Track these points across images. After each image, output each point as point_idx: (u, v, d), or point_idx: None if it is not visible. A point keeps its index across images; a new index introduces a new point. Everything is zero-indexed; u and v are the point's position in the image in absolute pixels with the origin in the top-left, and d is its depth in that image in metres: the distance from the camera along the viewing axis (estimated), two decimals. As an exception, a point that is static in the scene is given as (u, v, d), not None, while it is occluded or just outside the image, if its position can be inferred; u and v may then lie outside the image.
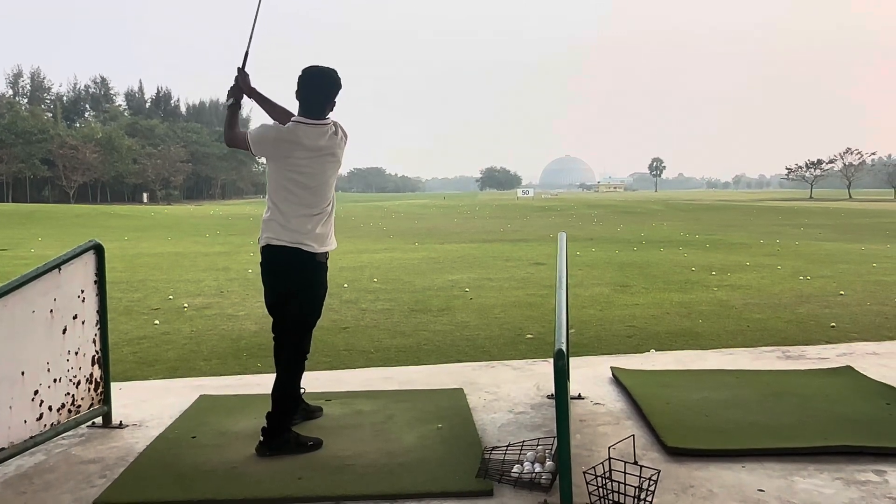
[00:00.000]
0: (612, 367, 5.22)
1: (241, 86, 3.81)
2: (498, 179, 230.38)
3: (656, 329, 7.61)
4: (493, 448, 3.54)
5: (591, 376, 5.03)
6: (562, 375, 3.03)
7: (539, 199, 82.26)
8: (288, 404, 3.69)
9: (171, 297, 10.03)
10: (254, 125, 3.94)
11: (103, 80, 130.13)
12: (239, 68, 3.82)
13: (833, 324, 7.56)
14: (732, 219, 36.60)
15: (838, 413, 4.01)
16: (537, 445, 3.50)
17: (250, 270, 13.29)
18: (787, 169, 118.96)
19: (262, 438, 3.61)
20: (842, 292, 9.79)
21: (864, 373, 4.89)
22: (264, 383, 5.00)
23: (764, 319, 7.97)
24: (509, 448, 3.53)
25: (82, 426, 4.01)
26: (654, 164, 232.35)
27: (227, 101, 3.82)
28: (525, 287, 10.81)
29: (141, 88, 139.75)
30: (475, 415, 4.21)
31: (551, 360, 5.67)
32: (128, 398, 4.58)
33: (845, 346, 5.95)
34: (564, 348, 3.13)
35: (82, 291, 3.90)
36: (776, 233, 25.14)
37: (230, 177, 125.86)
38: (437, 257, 15.79)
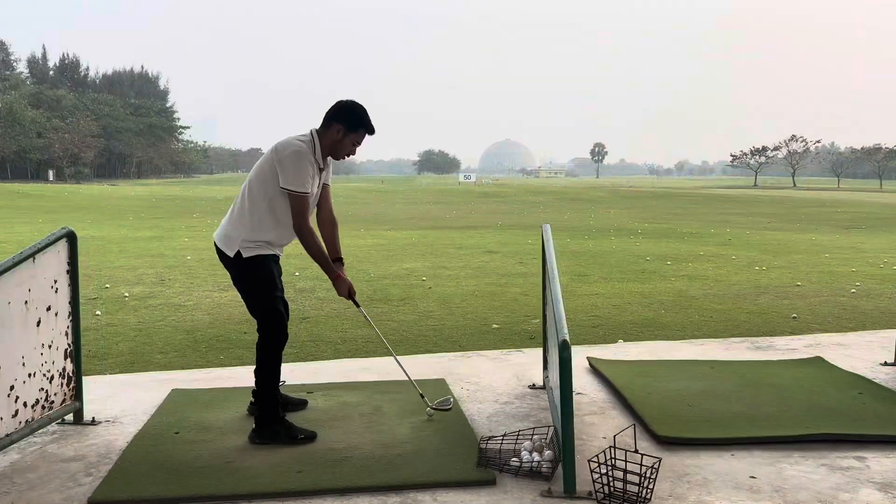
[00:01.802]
0: (588, 358, 5.49)
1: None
2: (436, 163, 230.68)
3: (620, 319, 7.94)
4: (489, 438, 3.74)
5: (568, 367, 5.27)
6: (566, 365, 3.24)
7: (481, 184, 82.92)
8: (269, 393, 3.83)
9: (107, 285, 9.87)
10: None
11: (1, 44, 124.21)
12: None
13: (794, 315, 8.03)
14: (679, 207, 37.74)
15: (815, 402, 4.36)
16: (533, 435, 3.72)
17: (189, 257, 13.15)
18: (731, 156, 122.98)
19: (254, 426, 3.80)
20: (798, 283, 10.36)
21: (833, 363, 5.29)
22: (236, 376, 5.11)
23: (726, 310, 8.39)
24: (505, 438, 3.73)
25: (53, 423, 4.02)
26: (597, 149, 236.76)
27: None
28: (482, 276, 11.05)
29: (45, 55, 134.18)
30: (462, 405, 4.40)
31: (525, 351, 5.97)
32: (93, 393, 4.58)
33: (811, 338, 6.37)
34: (568, 339, 3.35)
35: (55, 282, 3.91)
36: (725, 221, 26.12)
37: (147, 154, 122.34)
38: (387, 245, 15.90)
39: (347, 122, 3.90)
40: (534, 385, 4.88)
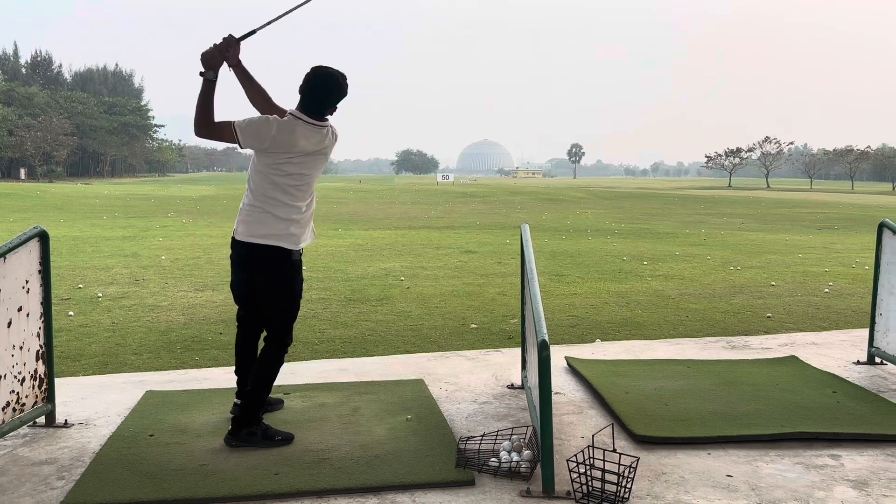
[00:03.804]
0: (566, 357, 5.50)
1: (224, 55, 3.62)
2: (414, 163, 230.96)
3: (597, 319, 7.98)
4: (468, 438, 3.72)
5: (546, 366, 5.28)
6: (546, 365, 3.24)
7: (459, 184, 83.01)
8: (263, 398, 3.79)
9: (80, 285, 9.73)
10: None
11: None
12: (231, 35, 3.62)
13: (769, 314, 8.12)
14: (655, 207, 38.01)
15: (790, 401, 4.40)
16: (511, 435, 3.71)
17: (163, 257, 13.01)
18: (706, 157, 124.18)
19: (230, 428, 3.74)
20: (773, 283, 10.47)
21: (807, 362, 5.35)
22: (212, 377, 5.06)
23: (701, 310, 8.46)
24: (484, 438, 3.72)
25: (24, 426, 3.95)
26: (574, 150, 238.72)
27: (203, 72, 3.55)
28: (460, 276, 11.05)
29: (16, 52, 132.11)
30: (440, 405, 4.38)
31: (504, 351, 5.97)
32: (65, 395, 4.51)
33: (785, 337, 6.44)
34: (547, 339, 3.35)
35: (27, 282, 3.84)
36: (700, 222, 26.34)
37: (121, 153, 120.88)
38: (365, 244, 15.86)
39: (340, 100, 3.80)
40: (512, 385, 4.87)
